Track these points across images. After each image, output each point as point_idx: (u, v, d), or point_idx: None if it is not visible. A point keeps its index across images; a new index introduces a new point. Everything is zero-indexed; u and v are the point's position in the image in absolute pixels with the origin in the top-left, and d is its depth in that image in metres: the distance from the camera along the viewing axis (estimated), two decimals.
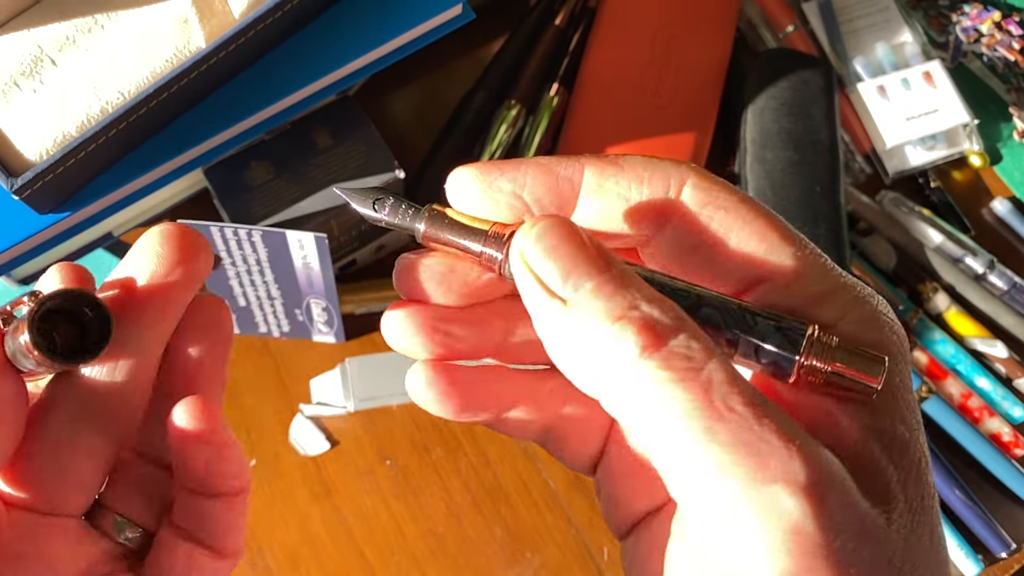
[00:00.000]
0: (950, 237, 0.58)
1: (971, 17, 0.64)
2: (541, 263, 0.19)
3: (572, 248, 0.19)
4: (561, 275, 0.19)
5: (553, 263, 0.19)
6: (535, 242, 0.19)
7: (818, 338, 0.20)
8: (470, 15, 0.45)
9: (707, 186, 0.22)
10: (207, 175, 0.48)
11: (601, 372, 0.19)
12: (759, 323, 0.20)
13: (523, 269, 0.20)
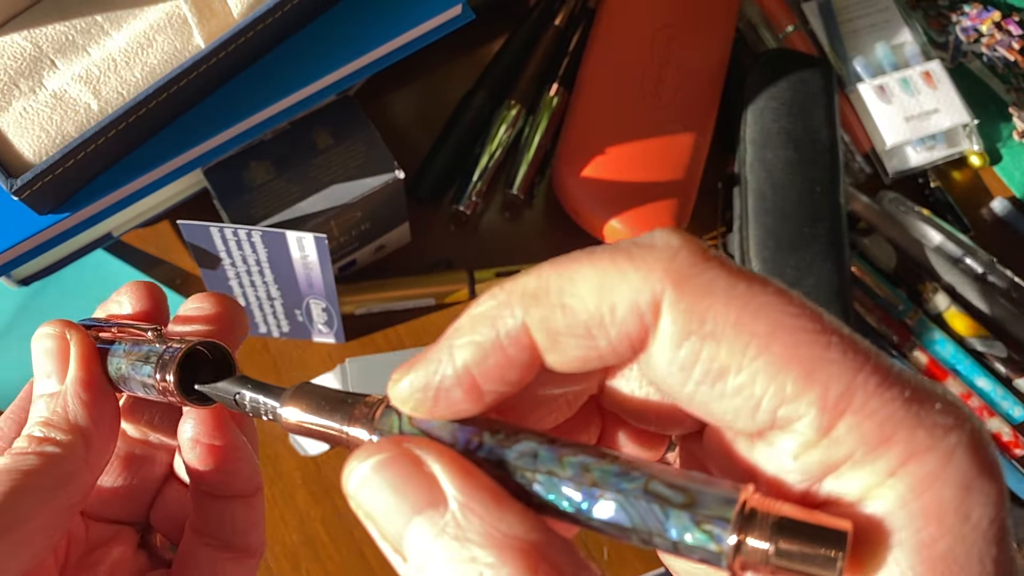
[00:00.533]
0: (950, 237, 0.58)
1: (971, 17, 0.64)
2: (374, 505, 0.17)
3: (401, 487, 0.17)
4: (424, 497, 0.16)
5: (410, 486, 0.17)
6: (385, 466, 0.17)
7: (748, 514, 0.15)
8: (470, 15, 0.45)
9: (690, 303, 0.16)
10: (207, 175, 0.48)
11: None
12: (671, 515, 0.16)
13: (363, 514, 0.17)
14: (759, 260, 0.54)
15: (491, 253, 0.58)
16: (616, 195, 0.54)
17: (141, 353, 0.24)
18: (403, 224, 0.55)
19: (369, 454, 0.17)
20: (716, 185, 0.60)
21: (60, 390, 0.24)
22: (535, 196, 0.60)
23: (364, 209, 0.49)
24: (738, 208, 0.56)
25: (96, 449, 0.23)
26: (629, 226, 0.54)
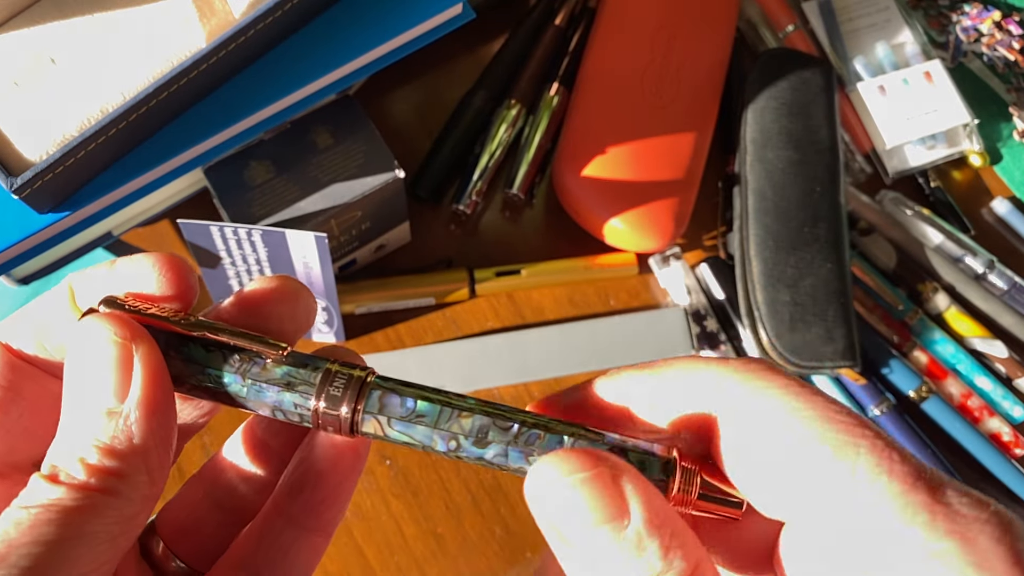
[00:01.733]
0: (950, 237, 0.58)
1: (971, 17, 0.64)
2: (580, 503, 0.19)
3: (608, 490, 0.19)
4: (610, 511, 0.18)
5: (600, 500, 0.19)
6: (585, 482, 0.19)
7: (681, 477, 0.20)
8: (470, 15, 0.45)
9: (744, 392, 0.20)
10: (207, 175, 0.48)
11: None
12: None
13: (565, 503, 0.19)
14: (759, 260, 0.54)
15: (491, 253, 0.58)
16: (616, 195, 0.54)
17: (276, 377, 0.21)
18: (403, 224, 0.55)
19: (573, 468, 0.19)
20: (716, 185, 0.60)
21: (122, 410, 0.20)
22: (535, 196, 0.60)
23: (364, 208, 0.49)
24: (738, 208, 0.56)
25: (159, 483, 0.20)
26: (629, 226, 0.54)
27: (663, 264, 0.58)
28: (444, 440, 0.21)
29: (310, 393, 0.21)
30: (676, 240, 0.57)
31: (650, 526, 0.18)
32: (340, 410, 0.21)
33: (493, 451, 0.21)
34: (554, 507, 0.19)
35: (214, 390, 0.22)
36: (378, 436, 0.21)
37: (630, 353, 0.55)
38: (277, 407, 0.21)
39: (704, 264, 0.58)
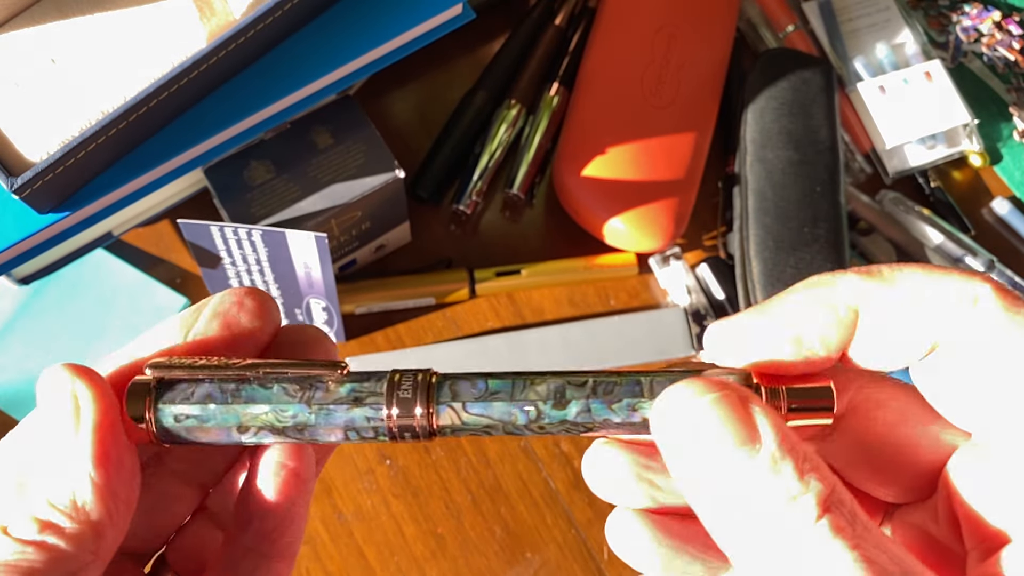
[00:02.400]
0: (950, 237, 0.58)
1: (971, 17, 0.64)
2: (719, 422, 0.18)
3: (746, 409, 0.19)
4: (743, 433, 0.18)
5: (733, 423, 0.18)
6: (717, 403, 0.19)
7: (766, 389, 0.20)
8: (470, 15, 0.45)
9: (1009, 303, 0.19)
10: (207, 175, 0.48)
11: (765, 533, 0.18)
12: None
13: (699, 420, 0.19)
14: (759, 260, 0.54)
15: (491, 253, 0.58)
16: (616, 195, 0.54)
17: (342, 395, 0.21)
18: (403, 224, 0.55)
19: (707, 389, 0.19)
20: (716, 185, 0.60)
21: (70, 464, 0.20)
22: (535, 196, 0.60)
23: (364, 208, 0.49)
24: (738, 208, 0.56)
25: (109, 538, 0.20)
26: (629, 226, 0.54)
27: (663, 264, 0.58)
28: (523, 410, 0.21)
29: (380, 403, 0.21)
30: (676, 240, 0.57)
31: (783, 448, 0.18)
32: (415, 411, 0.21)
33: (575, 408, 0.20)
34: (686, 430, 0.19)
35: (280, 428, 0.21)
36: (456, 427, 0.21)
37: (630, 353, 0.55)
38: (349, 426, 0.21)
39: (704, 264, 0.58)
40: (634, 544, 0.21)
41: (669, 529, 0.21)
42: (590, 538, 0.52)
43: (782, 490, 0.17)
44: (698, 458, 0.18)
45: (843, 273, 0.20)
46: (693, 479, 0.19)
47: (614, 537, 0.21)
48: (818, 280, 0.20)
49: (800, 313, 0.20)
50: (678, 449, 0.19)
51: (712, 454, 0.18)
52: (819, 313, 0.19)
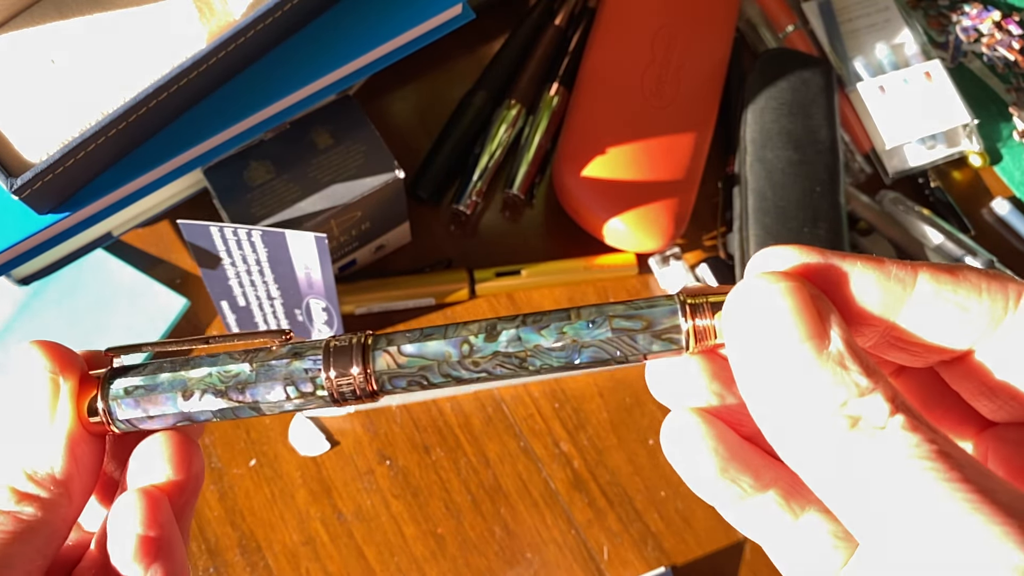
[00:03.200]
0: (950, 237, 0.58)
1: (971, 17, 0.64)
2: (790, 313, 0.18)
3: (818, 305, 0.18)
4: (813, 327, 0.18)
5: (803, 316, 0.18)
6: (788, 293, 0.18)
7: (690, 306, 0.20)
8: (470, 15, 0.45)
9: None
10: (207, 175, 0.48)
11: (832, 432, 0.17)
12: (638, 339, 0.20)
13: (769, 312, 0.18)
14: None
15: (491, 253, 0.58)
16: (616, 195, 0.54)
17: (283, 352, 0.22)
18: (403, 224, 0.55)
19: (780, 279, 0.18)
20: (716, 185, 0.60)
21: (48, 438, 0.21)
22: (535, 196, 0.60)
23: (364, 209, 0.49)
24: (738, 208, 0.56)
25: (78, 507, 0.21)
26: (629, 226, 0.54)
27: (663, 264, 0.58)
28: (456, 347, 0.21)
29: (318, 355, 0.22)
30: (676, 240, 0.57)
31: (850, 347, 0.17)
32: (352, 357, 0.21)
33: (506, 337, 0.21)
34: (754, 318, 0.18)
35: (222, 389, 0.22)
36: (392, 373, 0.21)
37: None
38: (288, 379, 0.22)
39: (704, 264, 0.58)
40: (691, 445, 0.20)
41: (727, 435, 0.21)
42: (590, 538, 0.52)
43: (851, 384, 0.17)
44: (762, 347, 0.18)
45: (917, 263, 0.19)
46: (756, 371, 0.18)
47: (670, 438, 0.21)
48: (891, 259, 0.20)
49: (853, 265, 0.19)
50: (744, 337, 0.18)
51: (777, 344, 0.18)
52: (870, 270, 0.19)
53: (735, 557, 0.52)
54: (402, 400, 0.53)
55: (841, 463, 0.17)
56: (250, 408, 0.22)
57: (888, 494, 0.16)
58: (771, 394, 0.18)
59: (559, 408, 0.55)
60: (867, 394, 0.17)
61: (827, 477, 0.17)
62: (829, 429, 0.17)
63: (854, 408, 0.17)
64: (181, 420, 0.22)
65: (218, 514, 0.51)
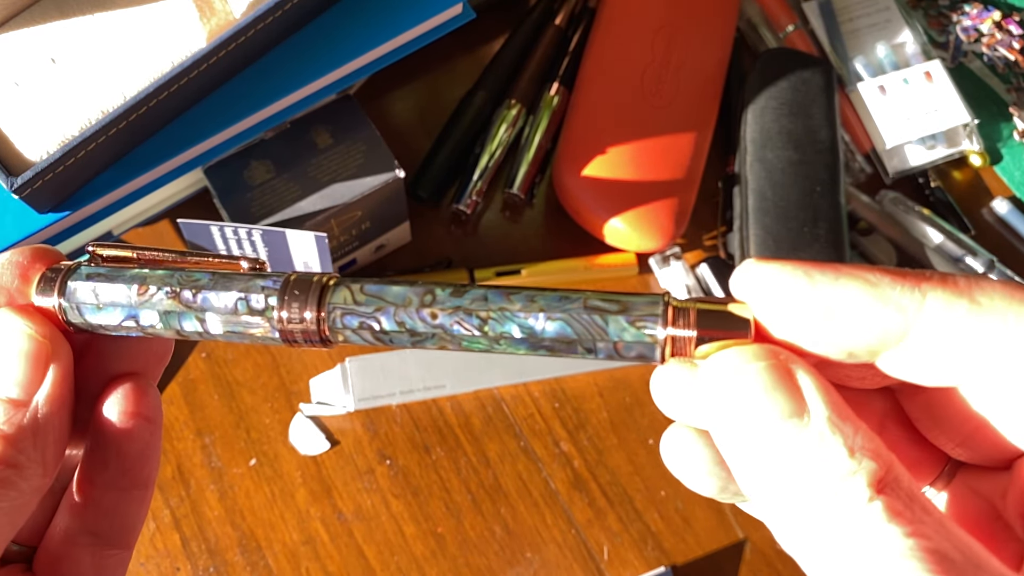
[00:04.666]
0: (950, 237, 0.58)
1: (971, 17, 0.64)
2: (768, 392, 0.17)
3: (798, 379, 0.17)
4: (791, 405, 0.17)
5: (779, 393, 0.17)
6: (764, 372, 0.17)
7: (673, 307, 0.18)
8: (470, 15, 0.45)
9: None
10: (207, 175, 0.48)
11: (812, 512, 0.16)
12: (609, 321, 0.19)
13: (748, 388, 0.17)
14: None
15: (491, 253, 0.58)
16: (616, 195, 0.54)
17: (245, 268, 0.21)
18: (403, 223, 0.55)
19: (754, 357, 0.17)
20: (716, 185, 0.60)
21: (29, 405, 0.20)
22: (535, 196, 0.60)
23: (364, 208, 0.49)
24: (738, 208, 0.56)
25: (50, 477, 0.20)
26: (629, 226, 0.54)
27: (663, 264, 0.58)
28: (419, 294, 0.20)
29: (279, 276, 0.21)
30: (676, 240, 0.57)
31: (832, 421, 0.16)
32: (311, 280, 0.20)
33: (471, 296, 0.19)
34: (729, 397, 0.17)
35: (176, 291, 0.21)
36: (347, 308, 0.20)
37: None
38: (243, 291, 0.21)
39: (704, 264, 0.58)
40: (690, 464, 0.20)
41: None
42: (590, 538, 0.52)
43: (831, 466, 0.16)
44: (741, 428, 0.17)
45: (925, 278, 0.18)
46: (735, 449, 0.17)
47: (670, 454, 0.20)
48: (890, 273, 0.18)
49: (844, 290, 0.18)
50: (722, 418, 0.18)
51: (755, 425, 0.17)
52: (864, 298, 0.17)
53: (735, 557, 0.52)
54: (402, 400, 0.53)
55: (820, 546, 0.16)
56: (196, 317, 0.21)
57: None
58: (751, 472, 0.17)
59: (559, 408, 0.55)
60: (848, 477, 0.16)
61: (806, 555, 0.16)
62: (807, 513, 0.16)
63: (832, 493, 0.16)
64: (128, 319, 0.21)
65: (218, 514, 0.51)
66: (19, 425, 0.20)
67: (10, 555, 0.23)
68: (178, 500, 0.51)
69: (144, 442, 0.22)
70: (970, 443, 0.20)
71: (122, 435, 0.22)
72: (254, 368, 0.54)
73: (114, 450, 0.22)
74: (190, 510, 0.51)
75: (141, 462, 0.22)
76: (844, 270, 0.18)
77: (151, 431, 0.22)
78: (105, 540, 0.23)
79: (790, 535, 0.17)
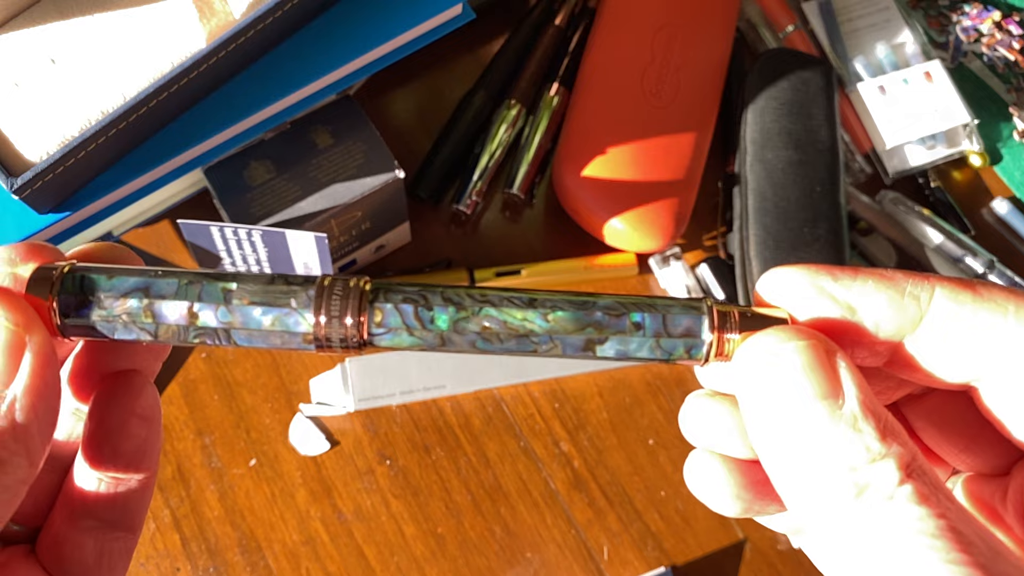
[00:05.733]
0: (950, 237, 0.58)
1: (971, 17, 0.64)
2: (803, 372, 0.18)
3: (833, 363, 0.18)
4: (828, 385, 0.17)
5: (817, 374, 0.17)
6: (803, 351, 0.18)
7: (719, 311, 0.19)
8: (470, 15, 0.45)
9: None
10: (207, 175, 0.48)
11: (841, 494, 0.17)
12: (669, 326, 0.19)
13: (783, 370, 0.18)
14: (759, 260, 0.54)
15: (491, 253, 0.58)
16: (616, 195, 0.54)
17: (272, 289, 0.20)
18: (403, 224, 0.55)
19: (794, 336, 0.18)
20: (716, 185, 0.60)
21: (6, 395, 0.19)
22: (535, 196, 0.60)
23: (364, 208, 0.49)
24: (738, 208, 0.56)
25: (36, 468, 0.20)
26: (629, 226, 0.54)
27: (663, 264, 0.58)
28: (464, 293, 0.19)
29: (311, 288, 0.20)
30: (676, 240, 0.57)
31: (865, 407, 0.17)
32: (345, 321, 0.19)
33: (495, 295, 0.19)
34: (767, 376, 0.18)
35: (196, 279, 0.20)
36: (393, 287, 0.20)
37: None
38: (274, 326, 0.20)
39: (704, 264, 0.58)
40: (714, 489, 0.20)
41: (752, 474, 0.20)
42: (590, 538, 0.52)
43: (862, 449, 0.16)
44: (775, 405, 0.18)
45: (933, 275, 0.19)
46: (767, 429, 0.18)
47: (694, 479, 0.20)
48: (902, 272, 0.19)
49: (865, 286, 0.19)
50: (756, 394, 0.18)
51: (791, 403, 0.17)
52: (883, 292, 0.18)
53: (735, 557, 0.52)
54: (402, 400, 0.53)
55: (845, 529, 0.16)
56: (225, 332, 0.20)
57: (888, 569, 0.16)
58: (782, 451, 0.18)
59: (559, 408, 0.55)
60: (878, 459, 0.16)
61: (831, 539, 0.17)
62: (836, 494, 0.16)
63: (863, 475, 0.16)
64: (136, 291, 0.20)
65: (218, 514, 0.51)
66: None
67: (12, 535, 0.23)
68: (178, 500, 0.51)
69: (141, 439, 0.22)
70: (973, 447, 0.20)
71: (117, 433, 0.22)
72: (254, 368, 0.54)
73: (110, 447, 0.22)
74: (190, 510, 0.51)
75: (138, 457, 0.22)
76: (862, 269, 0.19)
77: (148, 428, 0.22)
78: (108, 523, 0.22)
79: (816, 520, 0.17)
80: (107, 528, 0.22)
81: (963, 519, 0.16)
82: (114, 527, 0.22)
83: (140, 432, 0.22)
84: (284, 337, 0.20)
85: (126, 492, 0.22)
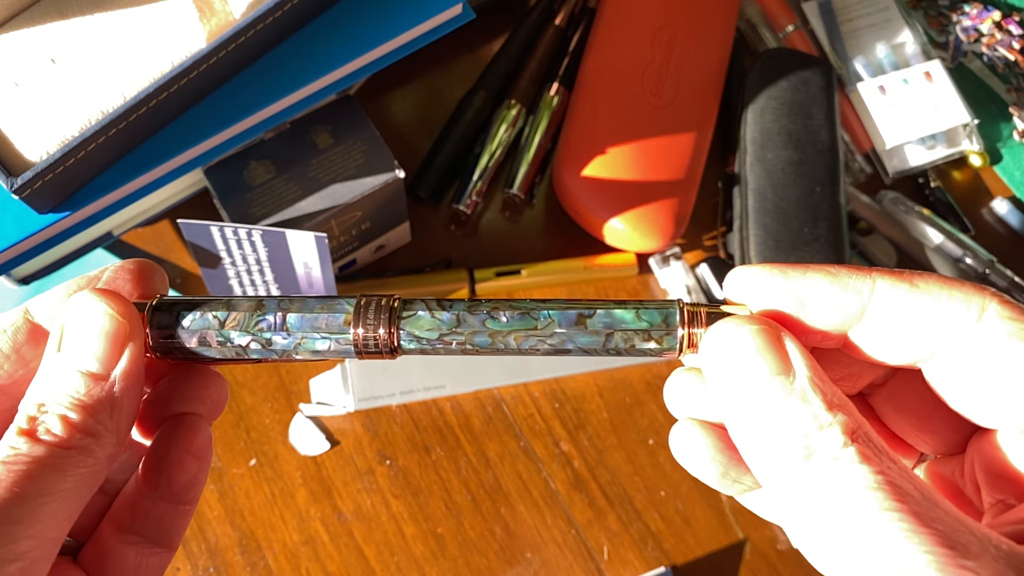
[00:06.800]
0: (950, 237, 0.58)
1: (971, 17, 0.64)
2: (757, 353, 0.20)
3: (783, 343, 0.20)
4: (779, 363, 0.20)
5: (770, 353, 0.20)
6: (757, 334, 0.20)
7: (687, 310, 0.22)
8: (470, 15, 0.45)
9: (1013, 315, 0.20)
10: (207, 175, 0.48)
11: (794, 457, 0.19)
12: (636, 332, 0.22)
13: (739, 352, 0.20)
14: (759, 260, 0.54)
15: (491, 253, 0.58)
16: (616, 195, 0.54)
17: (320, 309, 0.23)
18: (403, 224, 0.55)
19: (748, 322, 0.21)
20: (716, 185, 0.60)
21: (107, 379, 0.21)
22: (535, 196, 0.60)
23: (364, 208, 0.49)
24: (738, 208, 0.56)
25: (121, 447, 0.22)
26: (629, 226, 0.54)
27: (663, 264, 0.58)
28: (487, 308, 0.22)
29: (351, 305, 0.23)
30: (676, 240, 0.57)
31: (814, 381, 0.19)
32: (381, 298, 0.23)
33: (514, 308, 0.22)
34: (727, 356, 0.20)
35: (260, 301, 0.23)
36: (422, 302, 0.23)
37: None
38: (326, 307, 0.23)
39: (704, 264, 0.58)
40: (695, 453, 0.23)
41: (727, 439, 0.23)
42: (590, 538, 0.52)
43: (810, 417, 0.19)
44: (736, 383, 0.20)
45: (875, 269, 0.21)
46: (731, 403, 0.20)
47: (677, 444, 0.23)
48: (847, 267, 0.22)
49: (812, 281, 0.21)
50: (720, 373, 0.21)
51: (749, 380, 0.20)
52: (827, 286, 0.21)
53: (735, 557, 0.52)
54: (402, 400, 0.53)
55: (799, 488, 0.19)
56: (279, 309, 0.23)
57: (835, 520, 0.18)
58: (744, 421, 0.20)
59: (559, 408, 0.55)
60: (826, 427, 0.19)
61: (788, 498, 0.19)
62: (790, 457, 0.19)
63: (813, 440, 0.19)
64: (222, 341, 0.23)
65: (218, 514, 0.51)
66: (98, 397, 0.21)
67: (63, 547, 0.24)
68: None
69: (192, 473, 0.25)
70: (928, 426, 0.23)
71: (173, 466, 0.24)
72: (254, 368, 0.54)
73: (166, 476, 0.24)
74: None
75: (187, 488, 0.25)
76: (811, 266, 0.22)
77: (199, 466, 0.25)
78: (150, 539, 0.25)
79: (775, 481, 0.19)
80: (148, 543, 0.24)
81: (903, 476, 0.18)
82: (154, 543, 0.25)
83: (192, 468, 0.24)
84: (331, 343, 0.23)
85: (171, 517, 0.25)
